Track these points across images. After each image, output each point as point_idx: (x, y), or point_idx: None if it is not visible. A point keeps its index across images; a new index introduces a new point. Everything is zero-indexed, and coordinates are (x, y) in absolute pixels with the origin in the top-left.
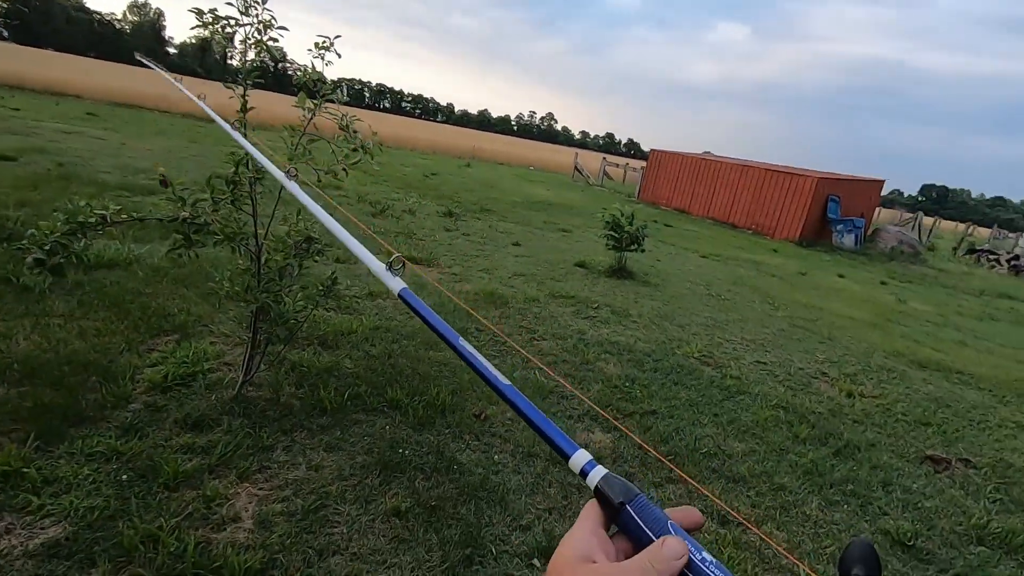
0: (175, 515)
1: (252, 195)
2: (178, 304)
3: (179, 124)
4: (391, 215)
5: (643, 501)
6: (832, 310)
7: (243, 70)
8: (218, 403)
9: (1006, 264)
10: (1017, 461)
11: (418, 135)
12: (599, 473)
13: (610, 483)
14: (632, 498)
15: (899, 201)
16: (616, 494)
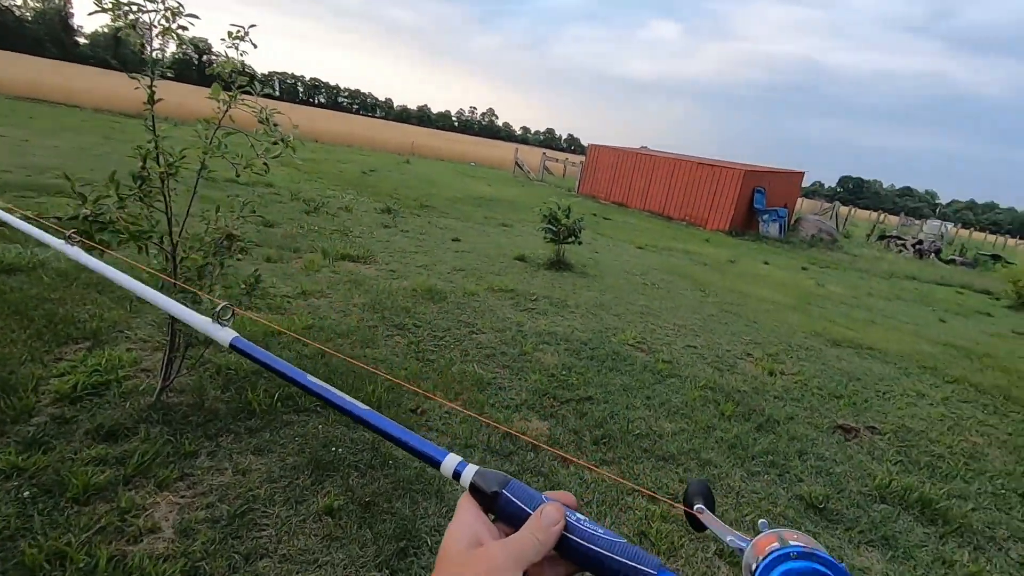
0: (85, 530)
1: (165, 191)
2: (89, 310)
3: (92, 120)
4: (326, 212)
5: (518, 485)
6: (758, 295)
7: (149, 60)
8: (134, 411)
9: (912, 248)
10: (916, 426)
11: (356, 131)
12: (471, 470)
13: (484, 477)
14: (507, 483)
15: (820, 192)
16: (491, 484)
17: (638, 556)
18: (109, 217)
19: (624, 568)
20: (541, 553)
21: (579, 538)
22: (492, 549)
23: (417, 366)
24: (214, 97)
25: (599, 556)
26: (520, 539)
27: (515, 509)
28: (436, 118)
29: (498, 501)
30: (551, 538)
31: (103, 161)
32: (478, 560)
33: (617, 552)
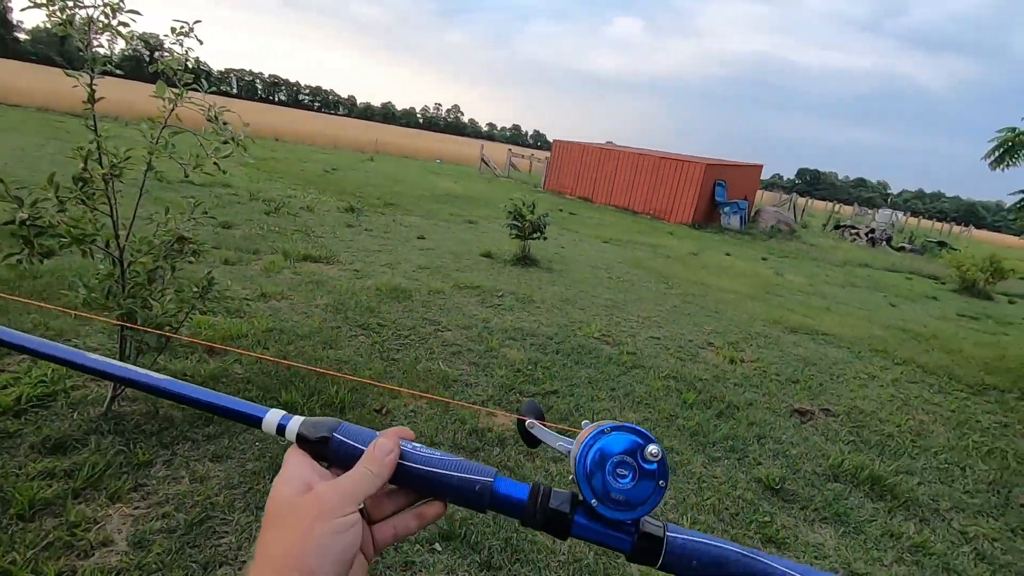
0: (31, 547)
1: (109, 193)
2: (33, 319)
3: (34, 119)
4: (287, 213)
5: (348, 426)
6: (720, 286)
7: (88, 58)
8: (83, 422)
9: (865, 237)
10: (867, 407)
11: (318, 129)
12: (297, 421)
13: (312, 424)
14: (337, 427)
15: (779, 184)
16: (320, 430)
17: (475, 469)
18: (49, 221)
19: (463, 482)
20: (377, 485)
21: (415, 463)
22: (321, 489)
23: (382, 366)
24: (159, 95)
25: (437, 476)
26: (352, 475)
27: (349, 449)
28: (400, 115)
29: (330, 445)
30: (386, 468)
31: (45, 162)
32: (307, 504)
33: (454, 469)
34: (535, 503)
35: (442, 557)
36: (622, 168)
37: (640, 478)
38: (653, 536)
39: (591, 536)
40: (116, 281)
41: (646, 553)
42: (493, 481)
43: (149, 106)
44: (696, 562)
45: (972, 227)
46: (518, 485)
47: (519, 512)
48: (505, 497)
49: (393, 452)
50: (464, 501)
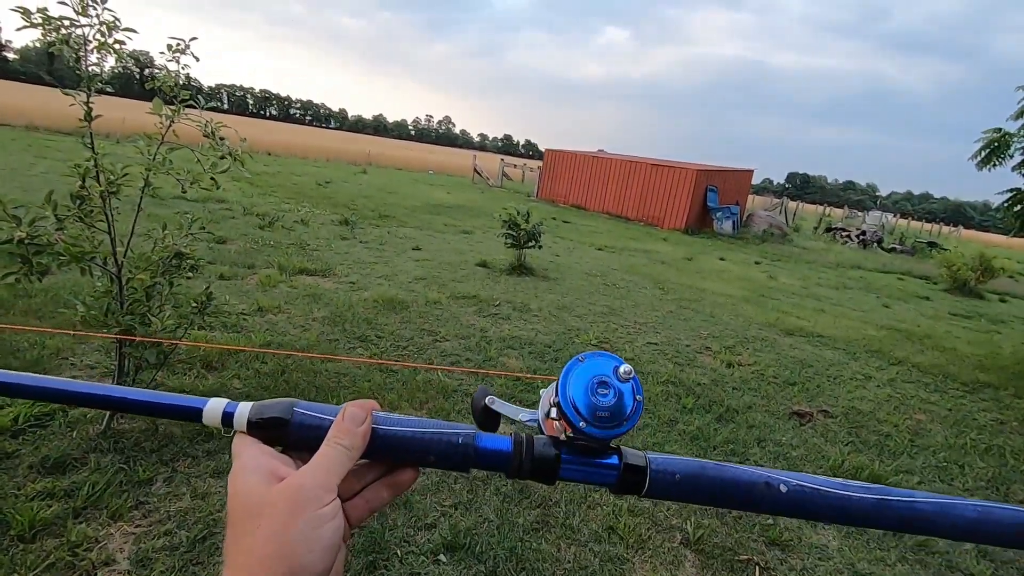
0: (32, 568)
1: (107, 210)
2: (29, 337)
3: (23, 138)
4: (281, 226)
5: (307, 403)
6: (714, 290)
7: (84, 76)
8: (82, 440)
9: (856, 239)
10: (865, 407)
11: (310, 143)
12: (246, 406)
13: (265, 408)
14: (295, 404)
15: (770, 188)
16: (277, 411)
17: (454, 427)
18: (47, 239)
19: (443, 441)
20: (353, 459)
21: (390, 426)
22: (296, 478)
23: (380, 377)
24: (156, 112)
25: (416, 438)
26: (324, 454)
27: (312, 425)
28: (392, 127)
29: (289, 425)
30: (359, 439)
31: (37, 181)
32: (283, 496)
33: (431, 427)
34: (520, 452)
35: (447, 568)
36: (614, 176)
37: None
38: (637, 467)
39: (578, 475)
40: (114, 298)
41: (631, 484)
42: (475, 435)
43: (141, 123)
44: (678, 475)
45: (961, 227)
46: (501, 438)
47: (505, 464)
48: (488, 451)
49: (366, 421)
50: (446, 461)
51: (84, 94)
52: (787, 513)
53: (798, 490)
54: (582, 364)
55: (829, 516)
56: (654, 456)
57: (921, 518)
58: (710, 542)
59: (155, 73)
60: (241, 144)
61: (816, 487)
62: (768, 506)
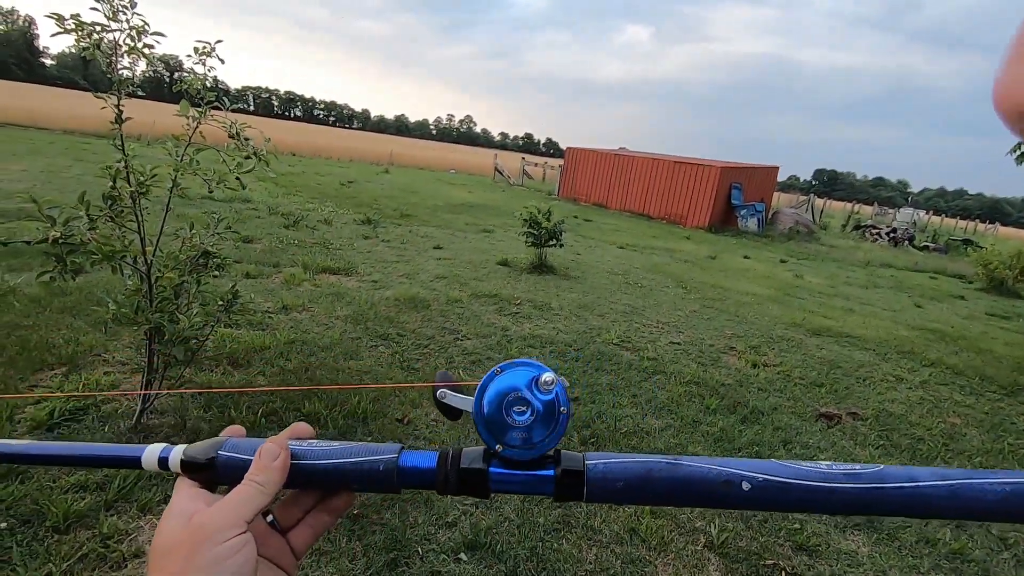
0: (66, 559)
1: (136, 210)
2: (64, 335)
3: (60, 141)
4: (305, 226)
5: (234, 442)
6: (739, 289)
7: (115, 80)
8: (114, 435)
9: (886, 237)
10: (896, 410)
11: (333, 143)
12: (179, 449)
13: (196, 449)
14: (221, 445)
15: (796, 185)
16: (204, 453)
17: (377, 450)
18: (80, 239)
19: (365, 467)
20: (268, 495)
21: (310, 459)
22: (204, 515)
23: (402, 375)
24: (183, 114)
25: (336, 467)
26: (236, 491)
27: (237, 464)
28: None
29: (215, 465)
30: (276, 474)
31: (73, 183)
32: (191, 532)
33: (354, 454)
34: (445, 468)
35: (467, 567)
36: (636, 174)
37: (540, 410)
38: (573, 471)
39: (511, 487)
40: (144, 296)
41: (569, 489)
42: (398, 456)
43: (170, 125)
44: (621, 483)
45: (998, 224)
46: (426, 454)
47: (430, 482)
48: (413, 470)
49: (280, 456)
50: (372, 485)
51: (115, 97)
52: (753, 508)
53: (765, 486)
54: (499, 377)
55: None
56: (593, 461)
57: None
58: (735, 546)
59: (183, 76)
60: (265, 144)
61: (787, 480)
62: (730, 504)
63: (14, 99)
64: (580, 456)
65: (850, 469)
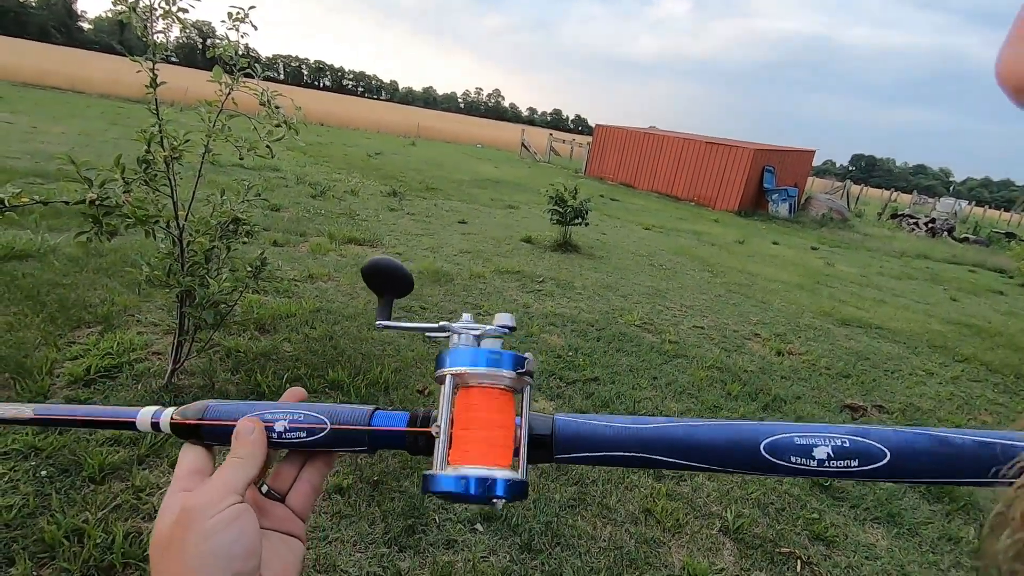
0: (101, 507)
1: (170, 175)
2: (100, 294)
3: (96, 105)
4: (332, 196)
5: (219, 405)
6: (766, 275)
7: (151, 44)
8: (147, 393)
9: (924, 227)
10: (924, 404)
11: (361, 114)
12: (168, 413)
13: (184, 414)
14: (206, 408)
15: (831, 171)
16: (189, 416)
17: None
18: (115, 201)
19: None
20: (255, 466)
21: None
22: (190, 498)
23: (424, 348)
24: (216, 80)
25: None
26: (221, 468)
27: (221, 428)
28: (441, 100)
29: (201, 431)
30: (255, 447)
31: (109, 147)
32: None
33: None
34: (415, 428)
35: (483, 537)
36: (666, 153)
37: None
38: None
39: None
40: (176, 260)
41: (539, 449)
42: (369, 417)
43: (203, 92)
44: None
45: None
46: (397, 415)
47: (401, 442)
48: (384, 431)
49: (255, 430)
50: (346, 445)
51: (151, 61)
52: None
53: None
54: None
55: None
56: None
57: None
58: (750, 532)
59: (216, 42)
60: (296, 113)
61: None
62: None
63: (54, 63)
64: (550, 417)
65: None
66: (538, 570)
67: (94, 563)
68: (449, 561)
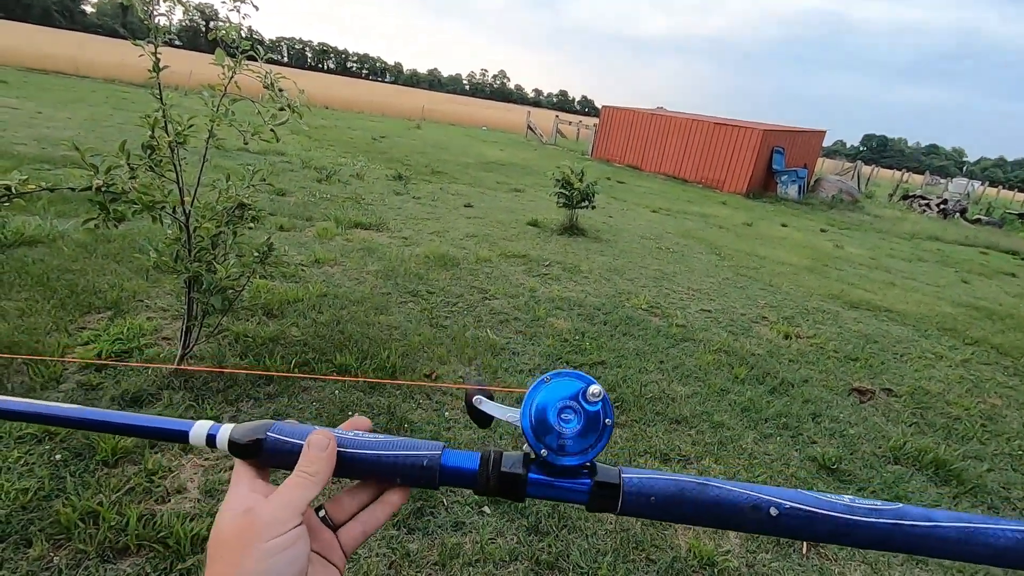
0: (115, 490)
1: (175, 161)
2: (109, 280)
3: (101, 90)
4: (338, 180)
5: (280, 426)
6: (774, 258)
7: (152, 28)
8: (157, 378)
9: (936, 208)
10: (933, 388)
11: (366, 97)
12: (227, 430)
13: (241, 432)
14: (268, 428)
15: (842, 151)
16: (250, 435)
17: (421, 446)
18: (122, 187)
19: (409, 461)
20: (318, 486)
21: (356, 448)
22: (256, 511)
23: (431, 332)
24: (218, 62)
25: (381, 459)
26: (288, 484)
27: (285, 449)
28: (447, 82)
29: (263, 448)
30: (324, 465)
31: (114, 132)
32: (241, 530)
33: (399, 448)
34: (487, 470)
35: (491, 520)
36: (673, 135)
37: (586, 420)
38: (609, 484)
39: (547, 493)
40: (183, 245)
41: (604, 500)
42: (441, 454)
43: (207, 76)
44: (654, 498)
45: None
46: (468, 455)
47: (471, 482)
48: (455, 469)
49: (329, 446)
50: (414, 480)
51: (153, 45)
52: (779, 535)
53: (791, 513)
54: (547, 386)
55: (829, 539)
56: (629, 475)
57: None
58: None
59: (218, 24)
60: (300, 96)
61: (814, 510)
62: (756, 528)
63: (57, 47)
64: (616, 469)
65: (872, 505)
66: (545, 552)
67: (109, 544)
68: (457, 543)
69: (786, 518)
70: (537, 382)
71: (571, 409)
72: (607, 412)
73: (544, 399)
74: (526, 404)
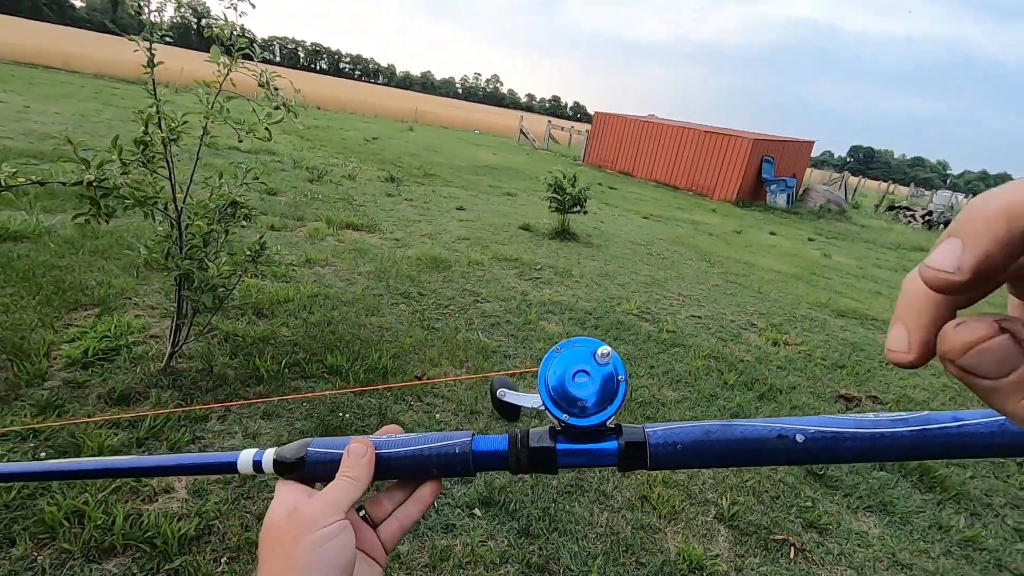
0: (101, 489)
1: (167, 157)
2: (97, 277)
3: (90, 85)
4: (329, 181)
5: (320, 440)
6: (763, 266)
7: (147, 24)
8: (145, 376)
9: (921, 220)
10: (918, 396)
11: (358, 98)
12: (271, 453)
13: (285, 452)
14: (309, 444)
15: (829, 162)
16: (294, 453)
17: (451, 437)
18: (113, 183)
19: (442, 452)
20: (360, 488)
21: (391, 449)
22: (303, 506)
23: (422, 334)
24: (213, 60)
25: (415, 455)
26: (331, 487)
27: (326, 460)
28: (439, 85)
29: (306, 463)
30: (364, 469)
31: (103, 127)
32: (291, 524)
33: (430, 442)
34: (516, 448)
35: (481, 522)
36: (665, 142)
37: (599, 378)
38: (636, 443)
39: (578, 460)
40: (174, 243)
41: (633, 458)
42: (471, 441)
43: (200, 73)
44: (680, 445)
45: None
46: (496, 438)
47: (504, 463)
48: (486, 453)
49: (367, 452)
50: (450, 470)
51: (147, 41)
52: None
53: (818, 437)
54: (558, 355)
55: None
56: (652, 429)
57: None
58: (745, 519)
59: (212, 22)
60: (295, 95)
61: (839, 430)
62: (785, 458)
63: (46, 41)
64: (640, 428)
65: (896, 416)
66: (535, 555)
67: (94, 544)
68: (448, 545)
69: (812, 442)
70: (549, 353)
71: (584, 372)
72: (619, 370)
73: (557, 368)
74: (541, 377)
